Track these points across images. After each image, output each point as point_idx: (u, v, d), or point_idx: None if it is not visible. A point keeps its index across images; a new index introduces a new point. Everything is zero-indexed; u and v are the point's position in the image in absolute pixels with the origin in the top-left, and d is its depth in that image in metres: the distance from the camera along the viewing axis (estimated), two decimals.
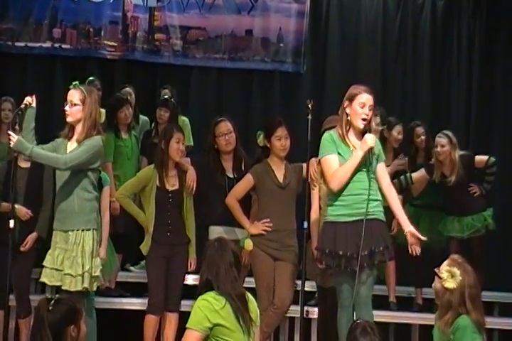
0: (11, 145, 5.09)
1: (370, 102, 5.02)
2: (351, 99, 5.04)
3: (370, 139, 4.96)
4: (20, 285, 6.07)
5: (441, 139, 6.90)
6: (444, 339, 4.30)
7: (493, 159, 6.96)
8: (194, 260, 5.89)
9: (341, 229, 4.98)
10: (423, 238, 5.05)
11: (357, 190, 4.98)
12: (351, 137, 5.07)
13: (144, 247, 5.91)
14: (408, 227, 5.07)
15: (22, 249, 5.96)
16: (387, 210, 5.17)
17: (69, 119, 5.23)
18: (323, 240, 5.12)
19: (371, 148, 4.98)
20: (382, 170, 5.14)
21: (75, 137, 5.21)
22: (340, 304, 5.04)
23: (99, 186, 6.05)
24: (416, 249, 5.07)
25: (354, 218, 4.96)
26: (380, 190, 5.10)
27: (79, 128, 5.20)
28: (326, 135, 5.14)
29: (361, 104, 5.02)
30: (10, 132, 5.09)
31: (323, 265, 5.15)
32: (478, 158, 6.96)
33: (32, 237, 6.03)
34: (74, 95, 5.20)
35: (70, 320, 3.39)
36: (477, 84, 8.87)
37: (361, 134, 5.05)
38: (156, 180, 5.89)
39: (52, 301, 3.39)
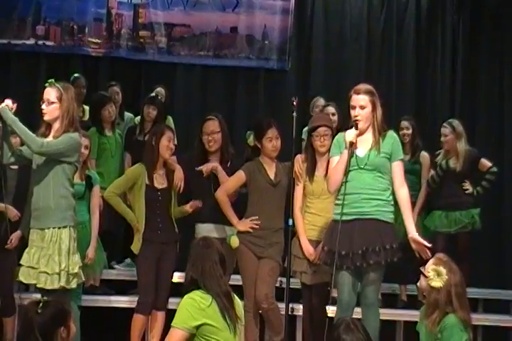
0: None
1: (359, 103, 5.01)
2: (349, 102, 5.07)
3: (349, 134, 4.97)
4: (4, 283, 6.04)
5: (444, 129, 7.10)
6: (431, 338, 4.32)
7: (495, 169, 7.12)
8: None
9: (338, 227, 4.95)
10: (427, 244, 4.92)
11: (355, 189, 4.96)
12: (360, 138, 5.04)
13: (135, 246, 5.87)
14: (410, 233, 4.96)
15: (8, 246, 5.93)
16: None
17: (46, 118, 5.13)
18: (324, 239, 5.14)
19: (351, 144, 4.95)
20: (395, 170, 5.06)
21: (52, 134, 5.12)
22: (338, 305, 5.04)
23: (90, 185, 6.05)
24: (425, 254, 4.89)
25: (351, 217, 4.95)
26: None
27: (56, 125, 5.11)
28: (337, 136, 5.18)
29: (352, 106, 5.04)
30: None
31: (324, 263, 5.16)
32: (483, 160, 7.12)
33: (16, 235, 6.01)
34: (50, 93, 5.11)
35: (60, 322, 3.38)
36: (461, 80, 8.92)
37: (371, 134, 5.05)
38: (144, 178, 5.86)
39: (41, 304, 3.38)
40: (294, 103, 5.64)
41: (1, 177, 5.15)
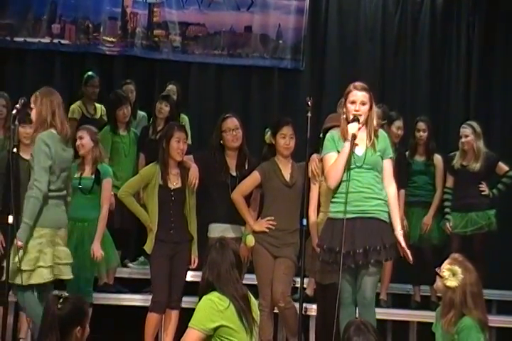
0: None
1: (360, 98, 5.02)
2: (345, 98, 5.08)
3: (351, 127, 4.96)
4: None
5: (464, 129, 7.02)
6: (447, 338, 4.31)
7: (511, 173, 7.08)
8: (196, 257, 5.90)
9: (339, 225, 4.95)
10: (406, 250, 5.01)
11: (357, 188, 4.96)
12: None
13: (148, 246, 5.88)
14: (396, 231, 5.01)
15: None
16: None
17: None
18: (322, 237, 5.15)
19: (354, 136, 4.94)
20: (386, 167, 5.08)
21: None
22: (340, 301, 5.03)
23: (98, 179, 6.04)
24: (407, 257, 5.00)
25: (353, 215, 4.94)
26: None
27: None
28: (327, 135, 5.16)
29: (351, 101, 5.03)
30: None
31: (323, 261, 5.16)
32: (500, 164, 7.09)
33: None
34: (31, 101, 5.27)
35: (77, 321, 3.40)
36: (475, 82, 8.88)
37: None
38: (158, 178, 5.87)
39: (61, 299, 3.40)
40: (309, 103, 5.64)
41: (11, 170, 5.18)
